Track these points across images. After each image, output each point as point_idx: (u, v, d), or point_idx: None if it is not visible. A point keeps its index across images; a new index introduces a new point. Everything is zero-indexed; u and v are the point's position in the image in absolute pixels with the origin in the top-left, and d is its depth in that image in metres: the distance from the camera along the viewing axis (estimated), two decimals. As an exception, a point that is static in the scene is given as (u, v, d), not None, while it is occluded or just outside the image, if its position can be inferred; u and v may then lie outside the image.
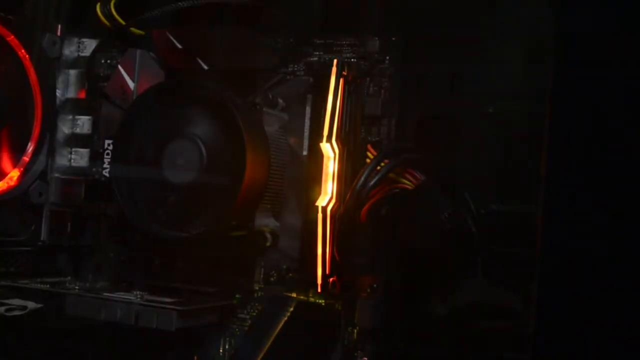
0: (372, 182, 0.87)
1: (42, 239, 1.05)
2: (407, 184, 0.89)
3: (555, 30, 0.74)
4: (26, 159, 1.02)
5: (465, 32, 0.91)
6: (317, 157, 0.91)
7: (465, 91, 0.93)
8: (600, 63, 0.72)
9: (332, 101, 0.89)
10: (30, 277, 1.02)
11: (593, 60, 0.72)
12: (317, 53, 0.98)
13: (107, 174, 1.02)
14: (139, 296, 0.92)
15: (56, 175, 1.07)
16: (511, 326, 0.85)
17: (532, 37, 0.86)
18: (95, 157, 1.05)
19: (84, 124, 1.07)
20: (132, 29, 1.01)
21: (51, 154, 1.06)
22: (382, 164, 0.88)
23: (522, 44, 0.88)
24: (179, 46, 1.00)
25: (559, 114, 0.73)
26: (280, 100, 0.97)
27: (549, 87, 0.74)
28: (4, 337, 0.94)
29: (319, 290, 0.91)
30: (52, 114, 1.05)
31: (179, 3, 0.94)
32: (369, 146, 0.93)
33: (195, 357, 1.00)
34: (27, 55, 1.02)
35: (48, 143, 1.05)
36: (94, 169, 1.06)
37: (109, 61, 1.08)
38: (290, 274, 0.97)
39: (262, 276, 0.98)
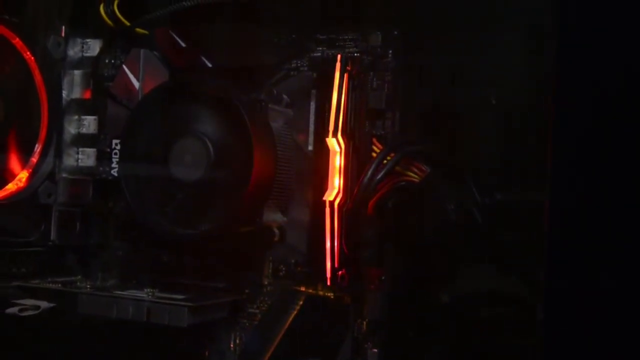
0: (378, 176, 0.88)
1: (51, 239, 1.06)
2: (413, 176, 0.89)
3: (556, 19, 0.75)
4: (34, 160, 1.03)
5: (466, 23, 0.92)
6: (322, 152, 0.92)
7: (467, 82, 0.93)
8: (603, 51, 0.72)
9: (337, 96, 0.90)
10: (41, 277, 1.02)
11: (594, 48, 0.73)
12: (320, 48, 0.98)
13: (115, 173, 1.03)
14: (150, 293, 0.92)
15: (64, 175, 1.07)
16: (519, 315, 0.86)
17: (533, 26, 0.87)
18: (102, 157, 1.06)
19: (89, 124, 1.07)
20: (136, 28, 1.02)
21: (58, 154, 1.06)
22: (388, 158, 0.88)
23: (524, 34, 0.88)
24: (183, 44, 1.00)
25: (562, 102, 0.73)
26: (285, 96, 0.97)
27: (551, 76, 0.74)
28: (18, 337, 0.95)
29: (328, 283, 0.92)
30: (58, 114, 1.06)
31: (183, 2, 0.94)
32: (374, 140, 0.94)
33: (207, 353, 1.01)
34: (32, 58, 1.02)
35: (55, 144, 1.05)
36: (101, 168, 1.06)
37: (113, 61, 1.08)
38: (299, 268, 0.97)
39: (271, 271, 0.98)
